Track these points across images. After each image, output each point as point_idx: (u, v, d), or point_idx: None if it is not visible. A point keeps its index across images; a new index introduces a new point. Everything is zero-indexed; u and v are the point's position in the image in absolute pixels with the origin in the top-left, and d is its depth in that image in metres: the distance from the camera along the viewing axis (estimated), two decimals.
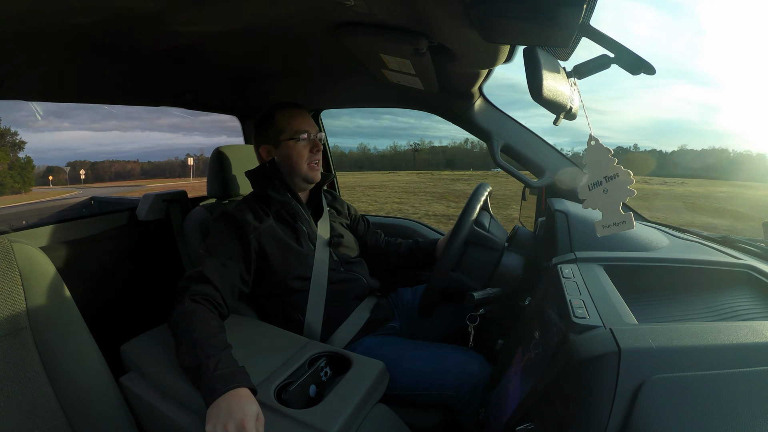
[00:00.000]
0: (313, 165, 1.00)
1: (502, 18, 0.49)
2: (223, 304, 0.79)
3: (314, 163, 1.00)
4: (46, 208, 3.02)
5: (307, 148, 0.99)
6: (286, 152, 0.98)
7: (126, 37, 0.77)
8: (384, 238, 1.21)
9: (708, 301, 0.52)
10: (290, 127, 0.98)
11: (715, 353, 0.34)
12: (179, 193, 1.31)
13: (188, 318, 0.71)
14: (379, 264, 1.16)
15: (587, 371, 0.34)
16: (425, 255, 1.12)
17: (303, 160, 0.99)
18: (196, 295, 0.76)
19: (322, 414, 0.61)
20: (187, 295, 0.76)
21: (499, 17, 0.49)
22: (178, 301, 0.76)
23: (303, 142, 0.98)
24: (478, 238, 0.88)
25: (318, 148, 1.00)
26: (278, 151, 0.99)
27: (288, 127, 0.98)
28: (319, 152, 1.00)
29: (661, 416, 0.31)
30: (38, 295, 0.66)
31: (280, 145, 0.98)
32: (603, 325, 0.39)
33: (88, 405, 0.67)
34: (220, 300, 0.79)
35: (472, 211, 0.86)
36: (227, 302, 0.80)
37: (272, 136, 0.99)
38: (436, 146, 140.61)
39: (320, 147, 1.00)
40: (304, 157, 0.99)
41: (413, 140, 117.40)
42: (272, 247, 0.90)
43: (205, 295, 0.77)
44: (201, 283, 0.79)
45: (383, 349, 0.88)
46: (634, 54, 0.52)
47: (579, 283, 0.50)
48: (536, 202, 1.15)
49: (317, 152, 1.00)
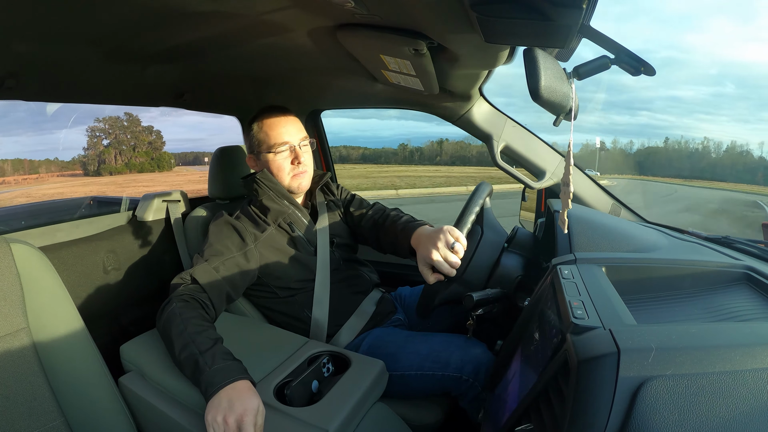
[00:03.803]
0: (298, 175, 0.97)
1: (502, 19, 0.49)
2: (210, 306, 0.79)
3: (298, 174, 0.96)
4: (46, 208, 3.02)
5: (288, 160, 0.95)
6: (267, 165, 0.96)
7: (126, 37, 0.77)
8: (384, 213, 1.05)
9: (707, 302, 0.52)
10: (268, 139, 0.95)
11: (715, 354, 0.34)
12: (179, 193, 1.31)
13: (178, 316, 0.71)
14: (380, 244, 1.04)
15: (586, 372, 0.34)
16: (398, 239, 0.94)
17: (284, 173, 0.96)
18: (184, 294, 0.77)
19: (322, 412, 0.62)
20: (175, 295, 0.76)
21: (499, 18, 0.49)
22: (167, 302, 0.76)
23: (282, 154, 0.95)
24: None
25: (299, 160, 0.96)
26: (260, 162, 0.97)
27: (266, 139, 0.95)
28: (300, 164, 0.96)
29: (660, 417, 0.31)
30: (37, 295, 0.66)
31: (260, 156, 0.96)
32: (602, 326, 0.39)
33: (87, 405, 0.67)
34: (208, 302, 0.79)
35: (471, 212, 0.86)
36: (215, 305, 0.80)
37: (254, 147, 0.97)
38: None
39: (301, 158, 0.96)
40: (284, 169, 0.96)
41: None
42: (273, 255, 0.91)
43: (192, 295, 0.77)
44: (190, 284, 0.79)
45: (391, 336, 0.91)
46: (634, 55, 0.52)
47: (578, 284, 0.50)
48: (536, 202, 1.15)
49: (299, 164, 0.96)
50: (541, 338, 0.52)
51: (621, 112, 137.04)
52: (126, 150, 30.67)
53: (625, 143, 79.85)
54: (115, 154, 30.35)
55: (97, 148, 30.16)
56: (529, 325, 0.62)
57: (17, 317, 0.63)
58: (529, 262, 0.87)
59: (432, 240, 0.77)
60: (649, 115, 39.22)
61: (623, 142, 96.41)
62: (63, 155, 33.61)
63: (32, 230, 1.00)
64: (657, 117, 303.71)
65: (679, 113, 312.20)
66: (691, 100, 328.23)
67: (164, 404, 0.68)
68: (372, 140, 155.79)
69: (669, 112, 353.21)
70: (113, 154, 30.25)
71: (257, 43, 0.83)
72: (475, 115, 1.09)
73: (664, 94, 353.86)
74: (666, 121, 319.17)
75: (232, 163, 1.21)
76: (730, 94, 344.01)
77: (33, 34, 0.69)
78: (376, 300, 1.01)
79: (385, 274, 1.22)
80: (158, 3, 0.62)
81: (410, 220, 0.95)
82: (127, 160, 30.25)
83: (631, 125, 34.51)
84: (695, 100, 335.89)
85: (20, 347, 0.63)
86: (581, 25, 0.49)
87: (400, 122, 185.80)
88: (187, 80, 1.09)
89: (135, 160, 30.18)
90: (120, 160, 30.17)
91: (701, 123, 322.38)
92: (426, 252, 0.77)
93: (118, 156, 30.38)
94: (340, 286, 0.97)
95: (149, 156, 31.25)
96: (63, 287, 0.70)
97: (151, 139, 32.54)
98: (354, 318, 0.96)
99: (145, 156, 30.91)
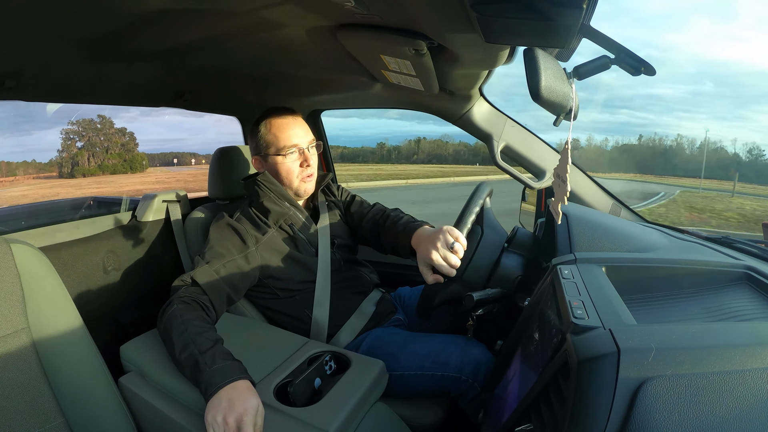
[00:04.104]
0: (305, 179, 0.96)
1: (502, 19, 0.49)
2: (211, 308, 0.79)
3: (306, 177, 0.96)
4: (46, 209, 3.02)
5: (297, 163, 0.94)
6: (275, 168, 0.94)
7: (126, 37, 0.77)
8: (384, 214, 1.04)
9: (707, 302, 0.52)
10: (277, 142, 0.93)
11: (715, 354, 0.34)
12: (179, 193, 1.31)
13: (179, 317, 0.72)
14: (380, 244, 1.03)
15: (586, 372, 0.34)
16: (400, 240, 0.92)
17: (293, 176, 0.95)
18: (185, 296, 0.77)
19: (322, 412, 0.62)
20: (176, 297, 0.76)
21: (499, 18, 0.49)
22: (168, 303, 0.76)
23: (292, 157, 0.94)
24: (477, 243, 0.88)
25: (308, 163, 0.95)
26: (267, 164, 0.96)
27: (275, 142, 0.93)
28: (309, 166, 0.95)
29: (660, 417, 0.31)
30: (37, 295, 0.66)
31: (268, 158, 0.95)
32: (602, 326, 0.39)
33: (86, 405, 0.67)
34: (209, 304, 0.79)
35: (470, 212, 0.86)
36: (215, 307, 0.80)
37: (261, 148, 0.95)
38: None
39: (310, 161, 0.95)
40: (293, 172, 0.94)
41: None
42: (274, 257, 0.92)
43: (193, 297, 0.77)
44: (191, 286, 0.79)
45: (391, 336, 0.91)
46: (634, 55, 0.53)
47: (578, 284, 0.50)
48: (536, 202, 1.15)
49: (308, 167, 0.95)
50: (541, 338, 0.52)
51: (601, 111, 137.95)
52: (99, 152, 31.70)
53: (601, 140, 79.88)
54: (88, 156, 31.37)
55: (70, 151, 31.22)
56: (529, 325, 0.62)
57: (17, 317, 0.63)
58: (529, 262, 0.87)
59: (431, 240, 0.77)
60: (629, 113, 38.77)
61: (599, 139, 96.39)
62: (40, 157, 35.20)
63: (32, 230, 1.00)
64: (636, 115, 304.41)
65: (659, 111, 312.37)
66: (670, 98, 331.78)
67: (164, 404, 0.68)
68: (352, 139, 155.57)
69: (648, 110, 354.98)
70: (86, 156, 31.26)
71: (257, 43, 0.83)
72: (475, 115, 1.09)
73: (643, 92, 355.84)
74: (646, 119, 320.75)
75: (232, 164, 1.21)
76: (709, 92, 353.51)
77: (33, 34, 0.69)
78: (376, 300, 1.01)
79: (385, 275, 1.22)
80: (159, 3, 0.62)
81: (410, 221, 0.95)
82: (100, 162, 31.06)
83: (611, 123, 34.21)
84: (674, 98, 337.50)
85: (20, 347, 0.63)
86: (581, 25, 0.49)
87: (381, 121, 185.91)
88: (187, 80, 1.09)
89: (108, 162, 31.35)
90: (93, 162, 31.07)
91: (680, 121, 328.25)
92: (426, 252, 0.77)
93: (91, 158, 31.38)
94: (340, 286, 0.97)
95: (122, 158, 32.22)
96: (63, 287, 0.70)
97: (124, 141, 33.77)
98: (354, 318, 0.96)
99: (117, 158, 31.93)
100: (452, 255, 0.75)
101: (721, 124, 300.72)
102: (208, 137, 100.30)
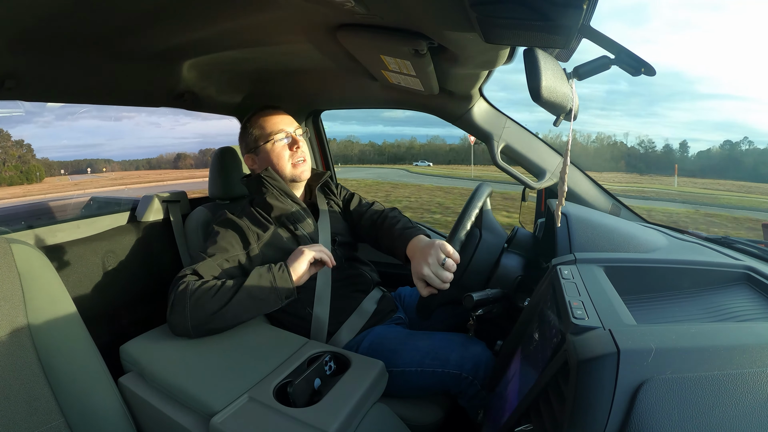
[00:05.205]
0: (297, 163, 0.98)
1: (502, 19, 0.49)
2: None
3: (298, 161, 0.98)
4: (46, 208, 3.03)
5: (286, 147, 0.97)
6: (266, 156, 0.97)
7: (126, 37, 0.77)
8: (382, 214, 1.05)
9: (707, 302, 0.52)
10: (263, 131, 0.97)
11: (714, 354, 0.34)
12: (179, 193, 1.31)
13: (200, 285, 0.76)
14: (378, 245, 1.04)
15: (586, 372, 0.34)
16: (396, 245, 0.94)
17: (284, 161, 0.97)
18: (191, 281, 0.78)
19: (321, 413, 0.61)
20: (181, 280, 0.78)
21: (499, 18, 0.49)
22: (176, 286, 0.77)
23: (280, 142, 0.97)
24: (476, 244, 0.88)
25: (297, 146, 0.98)
26: (260, 157, 0.98)
27: (261, 131, 0.97)
28: (299, 149, 0.98)
29: (659, 417, 0.31)
30: (37, 295, 0.66)
31: (259, 151, 0.98)
32: (602, 326, 0.39)
33: (86, 405, 0.67)
34: None
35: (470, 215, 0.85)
36: None
37: (251, 144, 0.99)
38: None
39: (299, 143, 0.98)
40: (284, 157, 0.97)
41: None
42: (276, 254, 0.92)
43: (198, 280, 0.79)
44: (192, 275, 0.81)
45: (392, 334, 0.91)
46: (634, 55, 0.52)
47: (578, 284, 0.50)
48: (536, 203, 1.15)
49: (298, 149, 0.98)
50: (540, 338, 0.52)
51: (521, 110, 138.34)
52: None
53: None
54: None
55: None
56: (529, 325, 0.62)
57: (17, 317, 0.63)
58: (529, 263, 0.87)
59: (424, 256, 0.79)
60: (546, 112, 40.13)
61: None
62: None
63: (32, 230, 1.00)
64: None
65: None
66: (587, 97, 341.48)
67: (164, 404, 0.68)
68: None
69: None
70: None
71: (257, 43, 0.83)
72: (475, 115, 1.09)
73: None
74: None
75: (232, 164, 1.21)
76: (623, 90, 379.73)
77: (33, 34, 0.69)
78: (377, 299, 1.01)
79: (385, 274, 1.22)
80: (159, 3, 0.62)
81: (407, 226, 0.96)
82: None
83: (530, 122, 34.81)
84: (591, 97, 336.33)
85: (20, 347, 0.63)
86: (581, 25, 0.49)
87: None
88: (187, 80, 1.09)
89: (5, 173, 32.56)
90: None
91: (596, 119, 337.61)
92: (418, 268, 0.79)
93: None
94: (341, 284, 0.97)
95: (18, 169, 33.15)
96: (63, 287, 0.70)
97: (21, 153, 35.04)
98: (354, 316, 0.96)
99: (14, 170, 32.90)
100: (444, 271, 0.76)
101: (635, 121, 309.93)
102: (126, 143, 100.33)
